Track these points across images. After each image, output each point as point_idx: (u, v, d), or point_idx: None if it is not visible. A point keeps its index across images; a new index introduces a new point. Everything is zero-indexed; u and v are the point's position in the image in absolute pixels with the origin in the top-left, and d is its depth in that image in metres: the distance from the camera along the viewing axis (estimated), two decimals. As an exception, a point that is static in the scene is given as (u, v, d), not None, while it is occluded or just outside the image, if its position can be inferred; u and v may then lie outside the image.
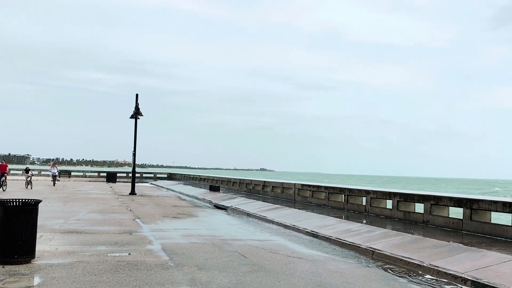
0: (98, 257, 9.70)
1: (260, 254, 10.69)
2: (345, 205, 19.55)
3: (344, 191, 20.06)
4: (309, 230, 14.68)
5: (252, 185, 32.00)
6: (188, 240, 12.58)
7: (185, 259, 9.82)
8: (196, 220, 17.74)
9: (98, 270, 8.46)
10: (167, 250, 10.78)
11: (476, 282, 8.05)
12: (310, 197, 22.93)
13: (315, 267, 9.41)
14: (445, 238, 11.82)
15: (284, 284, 7.86)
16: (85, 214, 18.37)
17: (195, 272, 8.54)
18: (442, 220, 14.05)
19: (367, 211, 17.90)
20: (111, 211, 20.01)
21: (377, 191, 17.88)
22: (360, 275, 8.82)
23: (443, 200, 14.19)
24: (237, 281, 7.92)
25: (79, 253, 10.04)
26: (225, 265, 9.27)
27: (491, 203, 12.48)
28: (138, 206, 22.91)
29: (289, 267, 9.36)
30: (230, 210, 22.67)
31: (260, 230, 15.32)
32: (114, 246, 11.19)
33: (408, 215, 15.58)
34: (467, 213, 13.09)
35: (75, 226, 14.61)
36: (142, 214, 19.03)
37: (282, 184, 27.08)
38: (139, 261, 9.43)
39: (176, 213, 20.07)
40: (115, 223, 15.64)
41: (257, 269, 9.00)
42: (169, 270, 8.65)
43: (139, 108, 32.63)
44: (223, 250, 11.08)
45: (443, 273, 8.82)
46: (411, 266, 9.66)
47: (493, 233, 12.18)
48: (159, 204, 24.75)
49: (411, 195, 15.85)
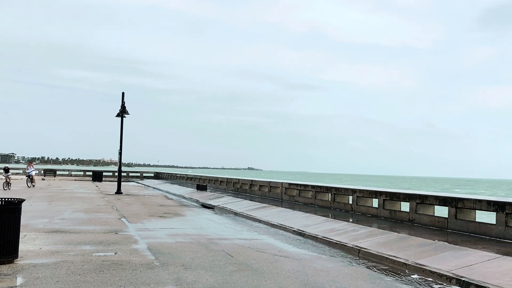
0: (83, 256, 9.59)
1: (247, 253, 10.66)
2: (332, 204, 19.61)
3: (330, 190, 20.12)
4: (296, 229, 14.69)
5: (239, 184, 31.96)
6: (174, 239, 12.50)
7: (171, 258, 9.75)
8: (183, 219, 17.65)
9: (83, 270, 8.36)
10: (153, 250, 10.70)
11: (461, 280, 8.11)
12: (297, 196, 22.95)
13: (302, 266, 9.41)
14: (430, 236, 11.91)
15: (270, 283, 7.84)
16: (70, 213, 18.18)
17: (181, 272, 8.49)
18: (428, 218, 14.15)
19: (354, 209, 17.97)
20: (96, 210, 19.83)
21: (363, 190, 17.96)
22: (346, 274, 8.84)
23: (429, 199, 14.29)
24: (223, 281, 7.89)
25: (63, 253, 9.92)
26: (211, 265, 9.22)
27: (476, 201, 12.60)
28: (124, 205, 22.74)
29: (276, 266, 9.35)
30: (217, 209, 22.61)
31: (247, 229, 15.30)
32: (99, 245, 11.08)
33: (394, 214, 15.67)
34: (452, 211, 13.20)
35: (60, 225, 14.44)
36: (128, 214, 18.88)
37: (270, 183, 27.09)
38: (124, 260, 9.34)
39: (162, 212, 19.95)
40: (100, 223, 15.50)
41: (244, 268, 8.97)
42: (154, 270, 8.58)
43: (125, 106, 32.40)
44: (209, 250, 11.03)
45: (429, 271, 8.88)
46: (397, 264, 9.70)
47: (477, 231, 12.29)
48: (146, 203, 24.59)
49: (397, 194, 15.95)
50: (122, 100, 32.46)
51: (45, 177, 58.21)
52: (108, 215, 18.11)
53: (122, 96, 32.57)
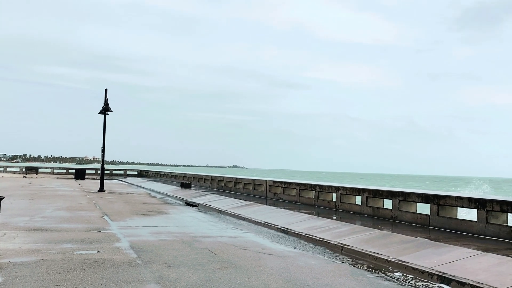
0: (64, 255, 9.46)
1: (230, 251, 10.63)
2: (316, 201, 19.67)
3: (314, 187, 20.18)
4: (280, 226, 14.70)
5: (224, 182, 31.90)
6: (157, 237, 12.41)
7: (154, 256, 9.67)
8: (166, 217, 17.54)
9: (63, 268, 8.25)
10: (135, 248, 10.61)
11: (442, 276, 8.19)
12: (282, 194, 22.98)
13: (285, 263, 9.41)
14: (412, 233, 12.01)
15: (253, 281, 7.82)
16: (52, 211, 17.94)
17: (163, 270, 8.42)
18: (410, 216, 14.27)
19: (337, 207, 18.05)
20: (78, 208, 19.61)
21: (346, 188, 18.04)
22: (329, 271, 8.86)
23: (411, 196, 14.41)
24: (206, 278, 7.85)
25: (44, 251, 9.77)
26: (194, 262, 9.17)
27: (457, 199, 12.74)
28: (106, 203, 22.52)
29: (259, 263, 9.33)
30: (202, 207, 22.53)
31: (231, 227, 15.26)
32: (80, 244, 10.94)
33: (377, 211, 15.77)
34: (434, 209, 13.33)
35: (41, 223, 14.24)
36: (110, 212, 18.70)
37: (254, 181, 27.08)
38: (106, 259, 9.24)
39: (145, 210, 19.81)
40: (82, 221, 15.32)
41: (227, 266, 8.94)
42: (136, 268, 8.49)
43: (108, 103, 32.09)
44: (192, 247, 10.97)
45: (411, 268, 8.95)
46: (380, 261, 9.76)
47: (459, 228, 12.43)
48: (129, 201, 24.39)
49: (380, 191, 16.05)
50: (105, 97, 32.13)
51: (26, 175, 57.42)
52: (90, 213, 17.92)
53: (105, 93, 32.25)
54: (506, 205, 11.34)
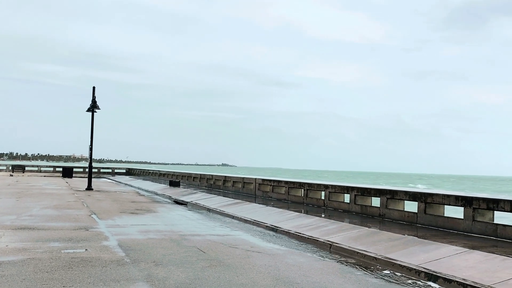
0: (51, 254, 9.39)
1: (219, 249, 10.63)
2: (305, 200, 19.74)
3: (303, 185, 20.24)
4: (269, 224, 14.72)
5: (213, 180, 31.85)
6: (146, 236, 12.37)
7: (142, 255, 9.64)
8: (155, 216, 17.48)
9: (51, 267, 8.19)
10: (124, 246, 10.56)
11: (430, 274, 8.27)
12: (271, 192, 23.02)
13: (274, 261, 9.43)
14: (400, 231, 12.10)
15: (242, 279, 7.83)
16: (39, 210, 17.79)
17: (152, 268, 8.40)
18: (398, 213, 14.38)
19: (326, 205, 18.13)
20: (66, 206, 19.46)
21: (335, 186, 18.13)
22: (318, 268, 8.90)
23: (399, 194, 14.52)
24: (195, 277, 7.84)
25: (31, 250, 9.69)
26: (183, 261, 9.16)
27: (444, 197, 12.86)
28: (94, 202, 22.38)
29: (248, 261, 9.35)
30: (190, 206, 22.48)
31: (220, 225, 15.25)
32: (68, 242, 10.87)
33: (365, 209, 15.87)
34: (421, 206, 13.45)
35: (28, 222, 14.11)
36: (98, 210, 18.59)
37: (243, 179, 27.08)
38: (94, 257, 9.19)
39: (134, 209, 19.72)
40: (70, 219, 15.21)
41: (216, 264, 8.94)
42: (125, 267, 8.46)
43: (96, 101, 31.85)
44: (181, 246, 10.95)
45: (398, 265, 9.02)
46: (368, 259, 9.83)
47: (446, 226, 12.56)
48: (117, 200, 24.26)
49: (368, 189, 16.15)
50: (93, 94, 31.90)
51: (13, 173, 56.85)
52: (78, 211, 17.80)
53: (93, 90, 32.01)
54: (493, 203, 11.47)
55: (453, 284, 7.72)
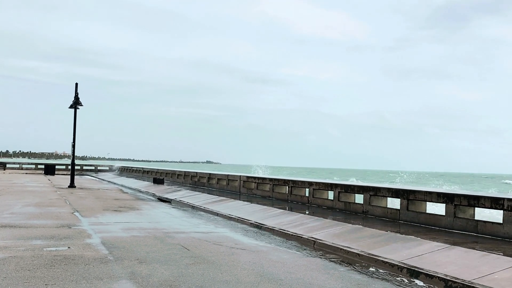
0: (33, 251, 9.28)
1: (203, 246, 10.62)
2: (289, 197, 19.81)
3: (288, 182, 20.31)
4: (253, 221, 14.75)
5: (197, 177, 31.78)
6: (129, 233, 12.30)
7: (126, 252, 9.59)
8: (138, 213, 17.38)
9: (33, 265, 8.09)
10: (107, 244, 10.49)
11: (411, 270, 8.37)
12: (255, 189, 23.05)
13: (258, 258, 9.46)
14: (383, 227, 12.23)
15: (226, 276, 7.84)
16: (21, 207, 17.55)
17: (136, 266, 8.36)
18: (381, 210, 14.52)
19: (310, 202, 18.22)
20: (48, 204, 19.24)
21: (319, 183, 18.23)
22: (302, 265, 8.95)
23: (382, 191, 14.66)
24: (179, 274, 7.82)
25: (12, 248, 9.56)
26: (167, 258, 9.13)
27: (427, 193, 13.03)
28: (77, 199, 22.17)
29: (232, 258, 9.36)
30: (175, 203, 22.40)
31: (204, 223, 15.24)
32: (50, 240, 10.75)
33: (349, 206, 15.99)
34: (404, 203, 13.60)
35: (9, 220, 13.92)
36: (81, 208, 18.42)
37: (228, 177, 27.07)
38: (77, 255, 9.10)
39: (117, 206, 19.58)
40: (52, 217, 15.04)
41: (200, 261, 8.93)
42: (108, 264, 8.40)
43: (79, 97, 31.50)
44: (165, 243, 10.91)
45: (381, 261, 9.12)
46: (351, 255, 9.91)
47: (428, 222, 12.72)
48: (100, 197, 24.06)
49: (351, 186, 16.28)
50: (75, 91, 31.54)
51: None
52: (60, 209, 17.61)
53: (76, 86, 31.65)
54: (473, 200, 11.66)
55: (434, 279, 7.83)
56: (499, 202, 10.93)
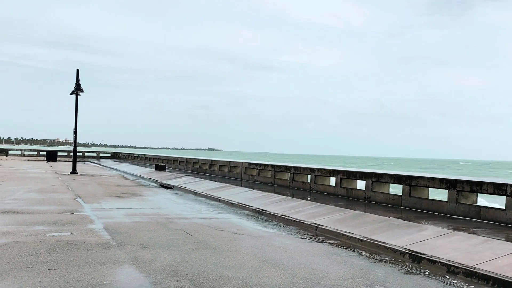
0: (36, 237, 9.30)
1: (206, 232, 10.64)
2: (291, 183, 19.80)
3: (290, 169, 20.29)
4: (255, 207, 14.76)
5: (199, 164, 31.78)
6: (132, 219, 12.32)
7: (128, 238, 9.61)
8: (141, 199, 17.41)
9: (36, 250, 8.11)
10: (109, 230, 10.51)
11: (414, 255, 8.37)
12: (257, 176, 23.05)
13: (260, 243, 9.47)
14: (385, 213, 12.22)
15: (228, 261, 7.85)
16: (23, 193, 17.60)
17: (138, 251, 8.37)
18: (383, 196, 14.51)
19: (312, 188, 18.22)
20: (50, 190, 19.28)
21: (321, 169, 18.20)
22: (304, 250, 8.96)
23: (384, 177, 14.63)
24: (181, 259, 7.84)
25: (15, 234, 9.59)
26: (170, 243, 9.15)
27: (429, 179, 13.00)
28: (79, 186, 22.21)
29: (234, 243, 9.37)
30: (177, 189, 22.43)
31: (206, 209, 15.26)
32: (53, 226, 10.78)
33: (351, 192, 15.98)
34: (406, 189, 13.58)
35: (12, 206, 13.95)
36: (83, 194, 18.45)
37: (229, 163, 27.07)
38: (80, 240, 9.13)
39: (119, 192, 19.61)
40: (54, 203, 15.08)
41: (202, 246, 8.94)
42: (111, 249, 8.42)
43: (80, 84, 31.41)
44: (167, 229, 10.93)
45: (383, 247, 9.12)
46: (353, 240, 9.92)
47: (430, 208, 12.71)
48: (102, 184, 24.10)
49: (353, 173, 16.25)
50: (76, 77, 31.44)
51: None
52: (63, 195, 17.65)
53: (77, 73, 31.54)
54: (476, 186, 11.63)
55: (437, 265, 7.83)
56: (502, 188, 10.90)
